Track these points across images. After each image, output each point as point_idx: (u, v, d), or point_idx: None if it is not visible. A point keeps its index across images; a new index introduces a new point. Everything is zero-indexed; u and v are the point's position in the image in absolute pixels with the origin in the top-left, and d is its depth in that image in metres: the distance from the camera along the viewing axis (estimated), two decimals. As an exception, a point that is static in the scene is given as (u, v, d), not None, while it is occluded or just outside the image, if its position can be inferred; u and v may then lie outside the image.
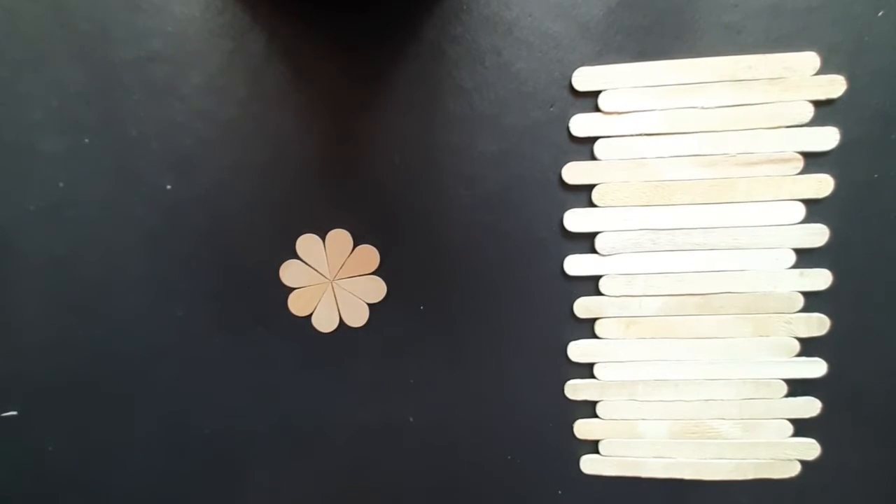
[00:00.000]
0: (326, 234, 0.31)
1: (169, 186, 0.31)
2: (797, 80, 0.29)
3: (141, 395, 0.33)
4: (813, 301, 0.31)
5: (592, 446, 0.32)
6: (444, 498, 0.33)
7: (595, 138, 0.30)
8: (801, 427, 0.31)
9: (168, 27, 0.30)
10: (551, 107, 0.30)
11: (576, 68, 0.29)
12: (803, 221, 0.30)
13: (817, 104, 0.29)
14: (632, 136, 0.30)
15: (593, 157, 0.30)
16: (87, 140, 0.31)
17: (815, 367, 0.31)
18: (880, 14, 0.28)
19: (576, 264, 0.31)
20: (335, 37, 0.30)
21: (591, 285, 0.31)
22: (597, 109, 0.30)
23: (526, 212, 0.31)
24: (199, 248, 0.31)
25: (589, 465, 0.32)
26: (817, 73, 0.29)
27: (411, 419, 0.33)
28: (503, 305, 0.32)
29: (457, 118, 0.30)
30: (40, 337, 0.32)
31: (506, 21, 0.30)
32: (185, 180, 0.31)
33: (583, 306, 0.31)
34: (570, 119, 0.30)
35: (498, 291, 0.31)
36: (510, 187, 0.31)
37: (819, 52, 0.29)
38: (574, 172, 0.30)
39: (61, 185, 0.31)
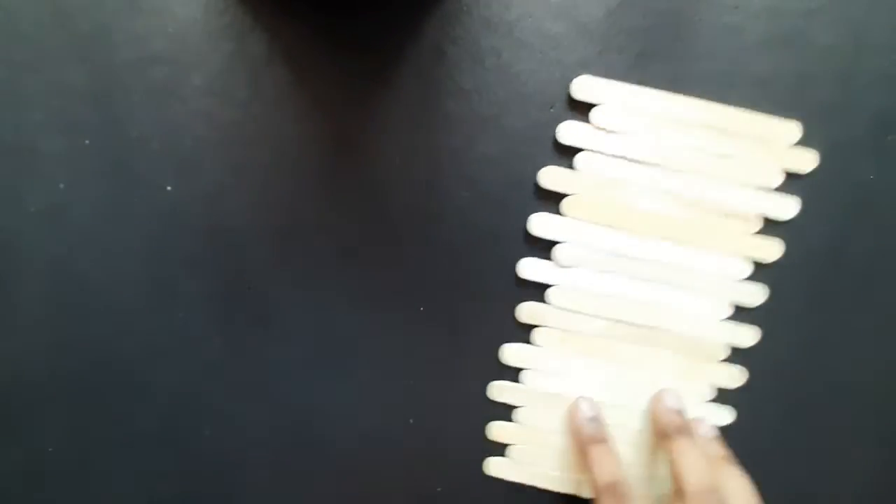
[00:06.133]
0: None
1: (169, 188, 0.31)
2: (776, 145, 0.30)
3: (141, 396, 0.33)
4: (737, 354, 0.32)
5: (502, 449, 0.33)
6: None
7: (579, 149, 0.30)
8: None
9: (169, 28, 0.30)
10: (551, 108, 0.30)
11: (576, 69, 0.30)
12: (747, 279, 0.31)
13: (788, 173, 0.30)
14: (614, 156, 0.30)
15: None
16: (87, 141, 0.31)
17: (725, 415, 0.32)
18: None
19: (530, 269, 0.31)
20: (336, 39, 0.30)
21: (540, 292, 0.31)
22: (588, 121, 0.30)
23: (526, 213, 0.31)
24: (200, 248, 0.31)
25: (493, 467, 0.32)
26: (795, 144, 0.30)
27: (411, 421, 0.33)
28: (505, 306, 0.32)
29: (457, 119, 0.30)
30: (40, 337, 0.32)
31: (506, 22, 0.30)
32: (186, 181, 0.31)
33: (527, 311, 0.31)
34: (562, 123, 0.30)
35: (499, 292, 0.32)
36: (511, 189, 0.31)
37: (818, 52, 0.29)
38: (551, 178, 0.30)
39: (62, 186, 0.31)
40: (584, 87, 0.29)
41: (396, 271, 0.32)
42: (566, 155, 0.30)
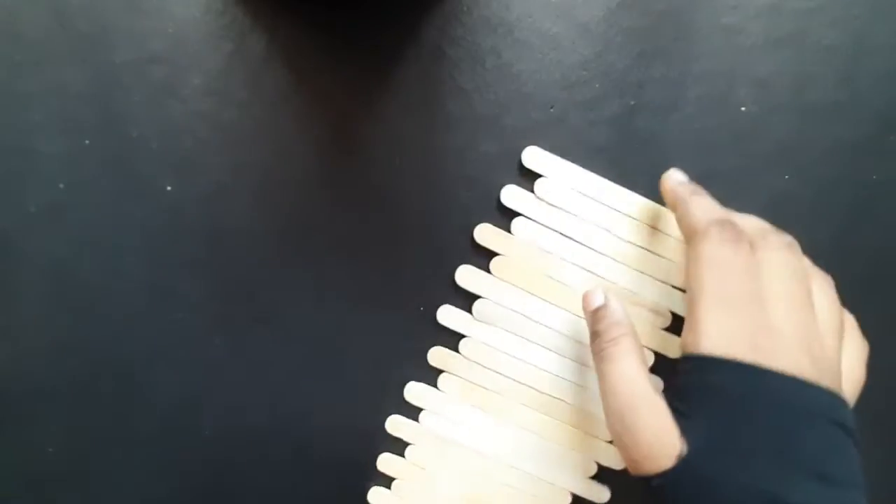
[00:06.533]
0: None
1: (169, 188, 0.31)
2: None
3: (141, 397, 0.33)
4: None
5: (387, 481, 0.33)
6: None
7: (517, 213, 0.30)
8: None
9: (168, 28, 0.30)
10: (551, 108, 0.30)
11: (575, 69, 0.30)
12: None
13: None
14: (549, 228, 0.30)
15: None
16: (87, 141, 0.31)
17: (601, 493, 0.32)
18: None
19: (447, 315, 0.31)
20: (335, 39, 0.30)
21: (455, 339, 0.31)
22: (532, 189, 0.30)
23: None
24: (200, 249, 0.31)
25: (375, 496, 0.33)
26: None
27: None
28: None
29: (457, 119, 0.30)
30: (40, 338, 0.32)
31: (506, 22, 0.30)
32: (186, 181, 0.31)
33: (436, 355, 0.32)
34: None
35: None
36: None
37: (819, 52, 0.29)
38: (485, 236, 0.31)
39: (61, 186, 0.31)
40: (533, 157, 0.30)
41: (396, 271, 0.32)
42: (569, 151, 0.30)
